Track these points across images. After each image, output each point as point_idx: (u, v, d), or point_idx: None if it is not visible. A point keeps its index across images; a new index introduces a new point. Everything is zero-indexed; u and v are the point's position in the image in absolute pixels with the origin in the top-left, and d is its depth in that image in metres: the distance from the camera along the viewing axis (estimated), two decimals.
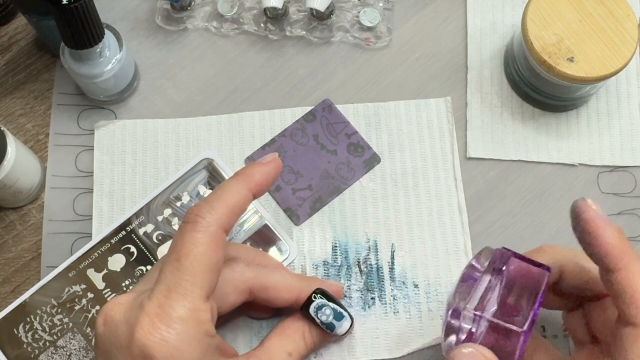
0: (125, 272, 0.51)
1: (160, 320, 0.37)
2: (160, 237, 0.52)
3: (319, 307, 0.45)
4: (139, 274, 0.51)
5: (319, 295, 0.45)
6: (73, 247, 0.52)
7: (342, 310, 0.46)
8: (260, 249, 0.50)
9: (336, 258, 0.51)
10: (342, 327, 0.45)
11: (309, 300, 0.45)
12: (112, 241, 0.51)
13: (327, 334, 0.46)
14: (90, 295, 0.50)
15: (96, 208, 0.53)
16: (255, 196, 0.43)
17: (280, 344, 0.44)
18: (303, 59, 0.57)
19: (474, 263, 0.41)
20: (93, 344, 0.41)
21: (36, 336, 0.49)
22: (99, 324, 0.40)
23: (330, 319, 0.45)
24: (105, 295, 0.50)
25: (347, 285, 0.50)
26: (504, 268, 0.40)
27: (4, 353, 0.49)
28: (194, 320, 0.38)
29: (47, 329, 0.49)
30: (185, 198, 0.52)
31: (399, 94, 0.55)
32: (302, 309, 0.46)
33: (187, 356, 0.38)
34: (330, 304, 0.45)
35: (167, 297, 0.38)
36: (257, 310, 0.48)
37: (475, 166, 0.53)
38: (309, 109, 0.55)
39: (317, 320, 0.45)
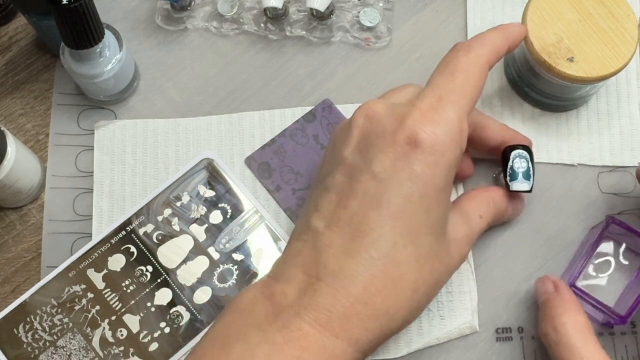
0: (125, 272, 0.51)
1: (431, 115, 0.40)
2: (160, 237, 0.52)
3: (520, 156, 0.48)
4: (138, 273, 0.51)
5: (525, 149, 0.49)
6: (73, 247, 0.52)
7: (532, 174, 0.48)
8: None
9: None
10: (521, 186, 0.48)
11: (514, 146, 0.49)
12: (112, 241, 0.51)
13: (503, 209, 0.49)
14: (90, 295, 0.50)
15: (96, 208, 0.53)
16: (509, 49, 0.46)
17: (472, 206, 0.47)
18: (303, 59, 0.57)
19: None
20: (340, 141, 0.43)
21: (36, 336, 0.49)
22: (357, 117, 0.43)
23: (520, 171, 0.48)
24: (105, 295, 0.50)
25: None
26: None
27: (4, 353, 0.49)
28: (458, 126, 0.41)
29: (47, 329, 0.49)
30: (185, 198, 0.52)
31: None
32: (506, 148, 0.49)
33: (447, 154, 0.40)
34: (530, 162, 0.49)
35: (439, 101, 0.41)
36: None
37: (475, 166, 0.53)
38: (309, 109, 0.55)
39: (510, 163, 0.48)
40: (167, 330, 0.50)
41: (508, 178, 0.48)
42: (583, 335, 0.43)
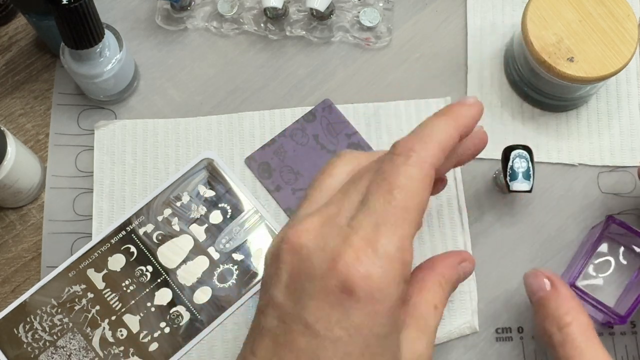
0: (125, 272, 0.51)
1: (366, 254, 0.35)
2: (160, 237, 0.52)
3: (520, 156, 0.48)
4: (138, 273, 0.51)
5: (525, 149, 0.49)
6: (73, 247, 0.52)
7: (532, 174, 0.48)
8: None
9: None
10: (521, 186, 0.48)
11: (514, 146, 0.49)
12: (112, 241, 0.51)
13: (455, 280, 0.43)
14: (90, 295, 0.50)
15: (96, 208, 0.53)
16: (461, 138, 0.39)
17: (424, 300, 0.41)
18: (303, 59, 0.57)
19: None
20: (269, 276, 0.37)
21: (36, 336, 0.49)
22: (284, 253, 0.37)
23: (520, 171, 0.48)
24: (105, 295, 0.50)
25: None
26: None
27: (4, 353, 0.49)
28: (399, 260, 0.35)
29: (47, 329, 0.49)
30: (185, 198, 0.52)
31: (399, 94, 0.55)
32: (506, 149, 0.48)
33: (388, 298, 0.35)
34: (530, 162, 0.49)
35: (375, 232, 0.35)
36: None
37: (475, 166, 0.53)
38: (309, 109, 0.55)
39: (510, 163, 0.48)
40: (167, 330, 0.50)
41: (508, 178, 0.48)
42: (587, 336, 0.42)
